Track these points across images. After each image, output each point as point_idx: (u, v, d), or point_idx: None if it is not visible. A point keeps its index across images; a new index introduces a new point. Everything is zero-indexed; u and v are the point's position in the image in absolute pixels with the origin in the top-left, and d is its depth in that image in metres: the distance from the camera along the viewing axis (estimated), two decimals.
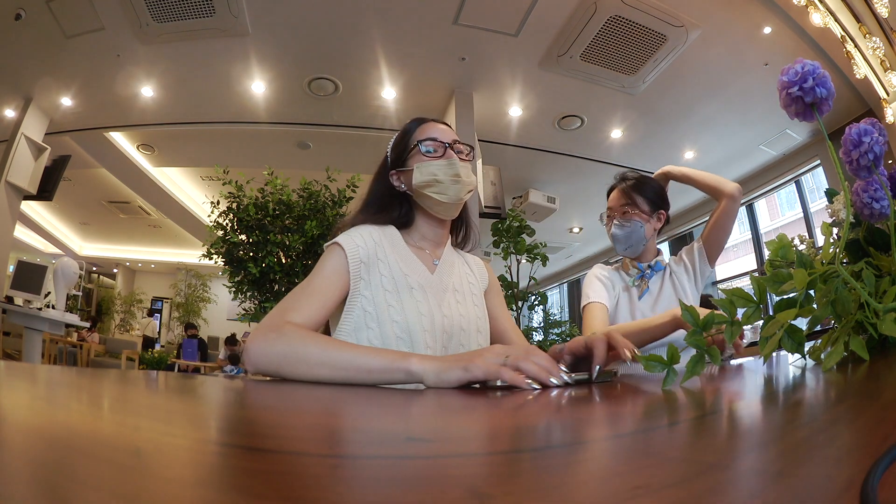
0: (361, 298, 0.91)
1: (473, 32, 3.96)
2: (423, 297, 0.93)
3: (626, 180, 1.49)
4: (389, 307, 0.90)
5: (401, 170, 1.03)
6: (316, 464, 0.22)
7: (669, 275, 1.48)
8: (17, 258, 5.07)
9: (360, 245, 0.93)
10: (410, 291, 0.93)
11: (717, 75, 4.35)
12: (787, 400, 0.40)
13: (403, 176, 1.02)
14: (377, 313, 0.90)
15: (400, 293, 0.92)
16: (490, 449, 0.28)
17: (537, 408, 0.45)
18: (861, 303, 0.49)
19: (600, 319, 1.41)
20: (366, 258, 0.93)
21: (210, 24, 3.85)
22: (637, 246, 1.46)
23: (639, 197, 1.45)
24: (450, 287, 1.00)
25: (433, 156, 0.99)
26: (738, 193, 1.42)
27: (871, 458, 0.17)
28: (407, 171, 1.01)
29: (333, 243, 0.94)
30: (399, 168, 1.03)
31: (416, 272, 0.97)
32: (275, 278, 4.31)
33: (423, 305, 0.92)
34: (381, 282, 0.92)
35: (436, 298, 0.95)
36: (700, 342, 0.53)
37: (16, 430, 0.26)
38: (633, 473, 0.21)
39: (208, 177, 6.67)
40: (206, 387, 0.70)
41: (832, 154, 0.53)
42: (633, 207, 1.45)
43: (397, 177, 1.04)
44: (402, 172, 1.03)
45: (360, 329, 0.89)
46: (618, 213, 1.46)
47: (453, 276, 1.02)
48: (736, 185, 1.43)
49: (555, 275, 10.29)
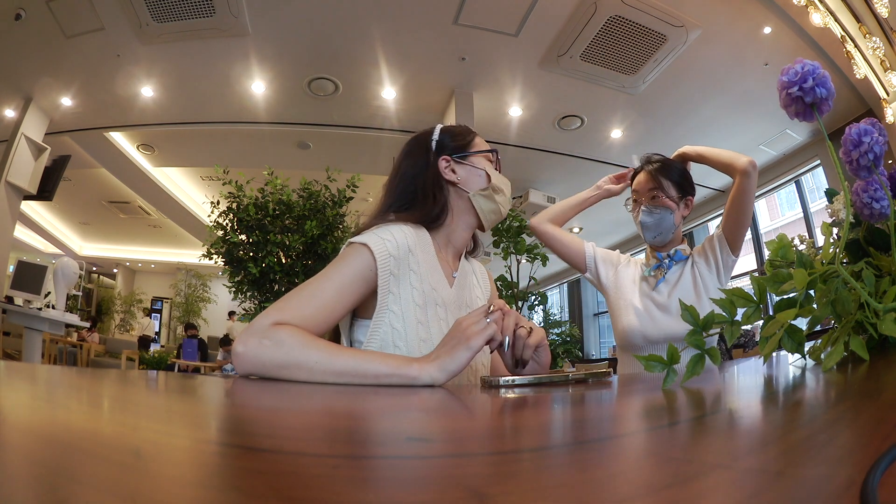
0: (390, 314, 0.80)
1: (473, 32, 3.96)
2: (444, 316, 0.85)
3: (652, 163, 1.39)
4: (419, 325, 0.81)
5: (459, 160, 0.93)
6: (316, 464, 0.22)
7: (691, 265, 1.38)
8: (17, 258, 5.07)
9: (393, 253, 0.80)
10: (436, 308, 0.84)
11: (717, 75, 4.35)
12: (787, 400, 0.40)
13: (461, 169, 0.92)
14: (406, 332, 0.80)
15: (427, 309, 0.82)
16: (490, 449, 0.28)
17: (537, 408, 0.45)
18: (861, 303, 0.49)
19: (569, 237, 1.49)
20: (396, 269, 0.80)
21: (210, 24, 3.85)
22: (667, 234, 1.36)
23: (666, 181, 1.35)
24: (464, 304, 0.92)
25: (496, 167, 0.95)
26: (751, 168, 1.28)
27: (871, 458, 0.17)
28: (466, 166, 0.92)
29: (362, 244, 0.79)
30: (457, 157, 0.93)
31: (441, 286, 0.87)
32: (275, 278, 4.31)
33: (445, 325, 0.83)
34: (412, 295, 0.81)
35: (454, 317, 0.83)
36: (700, 342, 0.53)
37: (16, 430, 0.26)
38: (633, 473, 0.21)
39: (208, 177, 6.67)
40: (206, 387, 0.70)
41: (832, 154, 0.53)
42: (661, 192, 1.34)
43: (450, 166, 0.92)
44: (461, 164, 0.93)
45: (387, 348, 0.79)
46: (646, 199, 1.35)
47: (467, 291, 0.95)
48: (749, 158, 1.30)
49: (555, 275, 10.29)
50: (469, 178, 0.92)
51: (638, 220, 1.37)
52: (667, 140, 5.34)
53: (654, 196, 1.34)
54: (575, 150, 5.60)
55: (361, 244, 0.79)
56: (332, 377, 0.67)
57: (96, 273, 12.12)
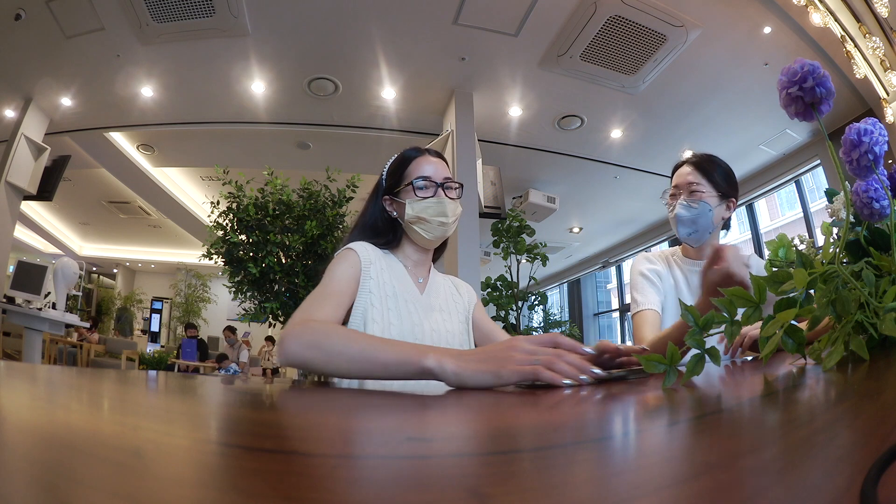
0: (370, 295, 0.98)
1: (473, 32, 3.96)
2: (415, 310, 1.03)
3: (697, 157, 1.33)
4: (389, 310, 0.99)
5: (394, 198, 1.09)
6: (316, 464, 0.22)
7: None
8: (17, 258, 5.07)
9: (371, 252, 1.03)
10: (406, 303, 1.02)
11: (717, 75, 4.35)
12: (787, 400, 0.40)
13: (396, 205, 1.09)
14: (382, 310, 0.98)
15: (398, 300, 1.02)
16: (490, 449, 0.28)
17: (537, 408, 0.45)
18: (861, 303, 0.49)
19: (651, 325, 1.24)
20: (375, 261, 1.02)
21: (210, 24, 3.85)
22: (703, 233, 1.26)
23: (710, 177, 1.28)
24: (436, 307, 1.08)
25: (424, 193, 1.06)
26: None
27: (871, 458, 0.17)
28: (399, 203, 1.08)
29: (347, 248, 1.02)
30: (393, 196, 1.10)
31: (409, 290, 1.05)
32: (275, 278, 4.31)
33: (416, 316, 1.02)
34: (382, 287, 1.01)
35: (425, 313, 1.05)
36: (700, 342, 0.53)
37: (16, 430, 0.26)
38: (633, 473, 0.21)
39: (208, 177, 6.67)
40: (206, 387, 0.70)
41: (832, 154, 0.53)
42: (703, 187, 1.26)
43: (390, 203, 1.11)
44: (395, 201, 1.09)
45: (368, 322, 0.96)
46: (685, 192, 1.28)
47: (440, 298, 1.11)
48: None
49: (555, 275, 10.29)
50: (402, 211, 1.07)
51: (673, 214, 1.28)
52: (667, 140, 5.34)
53: (693, 190, 1.26)
54: (575, 150, 5.59)
55: (348, 249, 1.02)
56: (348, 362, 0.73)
57: (96, 273, 12.12)
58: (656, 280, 1.31)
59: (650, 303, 1.27)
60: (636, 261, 1.37)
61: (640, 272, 1.33)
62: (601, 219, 7.55)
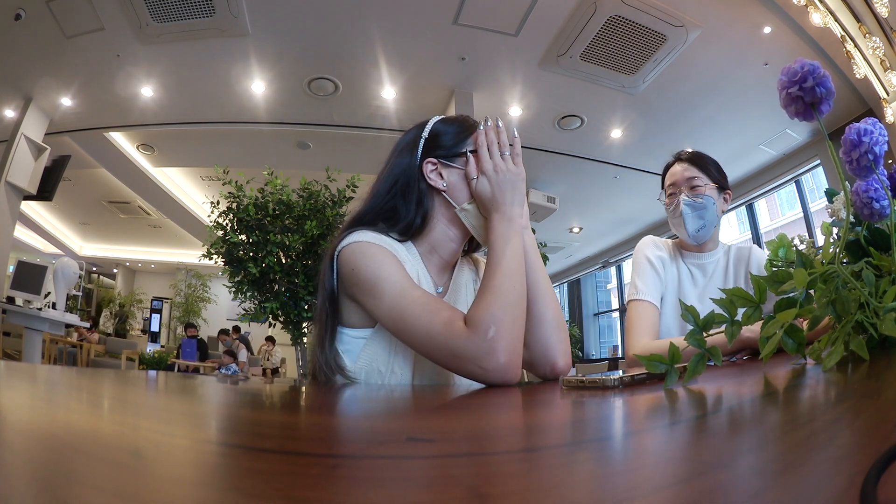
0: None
1: (473, 32, 3.96)
2: None
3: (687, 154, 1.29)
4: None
5: (448, 163, 0.79)
6: (316, 464, 0.22)
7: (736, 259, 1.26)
8: (17, 258, 5.07)
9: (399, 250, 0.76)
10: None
11: (717, 75, 4.34)
12: (787, 400, 0.40)
13: (447, 172, 0.79)
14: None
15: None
16: (490, 449, 0.28)
17: (537, 408, 0.45)
18: (861, 303, 0.49)
19: (648, 323, 1.19)
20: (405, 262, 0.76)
21: (210, 24, 3.85)
22: (710, 227, 1.23)
23: (706, 170, 1.24)
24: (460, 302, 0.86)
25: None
26: None
27: (871, 458, 0.17)
28: (457, 170, 0.79)
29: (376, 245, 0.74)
30: (445, 160, 0.79)
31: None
32: (275, 278, 4.31)
33: None
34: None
35: None
36: (700, 342, 0.53)
37: (16, 430, 0.26)
38: (633, 473, 0.21)
39: (208, 177, 6.67)
40: (206, 387, 0.70)
41: (832, 154, 0.53)
42: (702, 181, 1.23)
43: (436, 169, 0.79)
44: (447, 167, 0.79)
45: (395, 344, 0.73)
46: (685, 188, 1.23)
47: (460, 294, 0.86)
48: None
49: (555, 275, 10.29)
50: (459, 185, 0.78)
51: (678, 212, 1.22)
52: (667, 140, 5.34)
53: (694, 185, 1.22)
54: (575, 150, 5.60)
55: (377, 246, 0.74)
56: (518, 288, 0.69)
57: (96, 273, 12.12)
58: (660, 268, 1.26)
59: (650, 294, 1.22)
60: (643, 243, 1.32)
61: (647, 256, 1.28)
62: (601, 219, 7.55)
